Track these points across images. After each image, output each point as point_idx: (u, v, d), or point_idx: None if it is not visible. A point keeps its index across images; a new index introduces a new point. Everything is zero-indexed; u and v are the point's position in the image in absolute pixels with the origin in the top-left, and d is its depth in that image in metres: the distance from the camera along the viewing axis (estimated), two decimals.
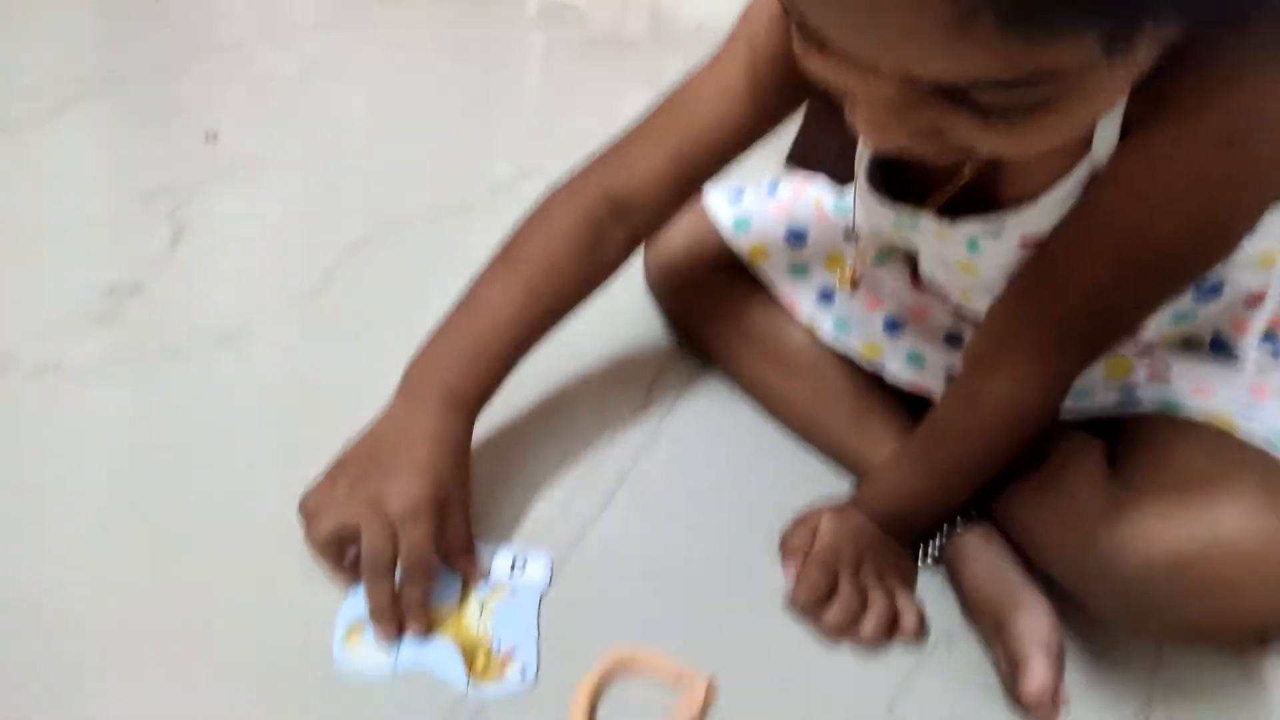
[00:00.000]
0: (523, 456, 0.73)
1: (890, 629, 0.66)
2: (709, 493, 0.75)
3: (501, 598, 0.62)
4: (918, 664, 0.67)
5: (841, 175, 0.77)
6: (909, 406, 0.77)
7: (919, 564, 0.72)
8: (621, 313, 0.86)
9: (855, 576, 0.66)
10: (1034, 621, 0.64)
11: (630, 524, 0.71)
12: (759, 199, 0.83)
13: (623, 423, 0.79)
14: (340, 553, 0.59)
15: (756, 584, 0.69)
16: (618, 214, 0.67)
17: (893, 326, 0.77)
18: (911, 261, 0.76)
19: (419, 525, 0.57)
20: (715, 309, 0.83)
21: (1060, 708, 0.65)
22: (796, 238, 0.81)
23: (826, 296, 0.81)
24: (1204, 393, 0.62)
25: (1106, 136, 0.52)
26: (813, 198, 0.83)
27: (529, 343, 0.67)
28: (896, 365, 0.76)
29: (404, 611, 0.58)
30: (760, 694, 0.62)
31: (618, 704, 0.60)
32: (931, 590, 0.71)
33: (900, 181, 0.64)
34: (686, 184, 0.67)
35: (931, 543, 0.71)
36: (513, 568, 0.63)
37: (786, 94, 0.63)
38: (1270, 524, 0.51)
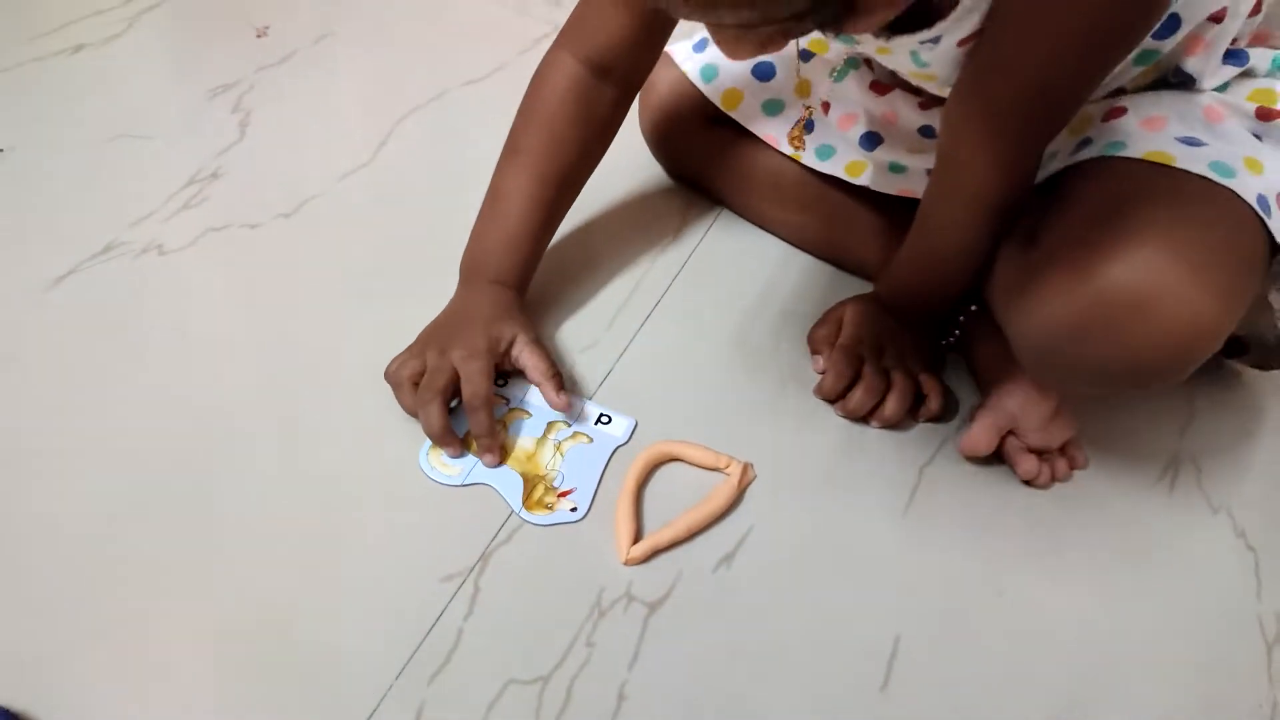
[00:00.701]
0: (563, 286, 0.80)
1: (914, 409, 0.71)
2: (740, 304, 0.80)
3: (579, 443, 0.69)
4: (946, 439, 0.72)
5: None
6: (906, 206, 0.78)
7: (943, 348, 0.75)
8: (646, 156, 0.90)
9: (878, 362, 0.71)
10: (1001, 396, 0.68)
11: (667, 337, 0.77)
12: None
13: (660, 251, 0.84)
14: None
15: (787, 378, 0.74)
16: (602, 75, 0.70)
17: (870, 140, 0.77)
18: (881, 70, 0.76)
19: (474, 362, 0.66)
20: (709, 156, 0.85)
21: (1066, 472, 0.69)
22: (764, 72, 0.81)
23: (804, 128, 0.81)
24: (1154, 124, 0.61)
25: None
26: None
27: (553, 221, 0.74)
28: (881, 178, 0.78)
29: (473, 440, 0.66)
30: (795, 475, 0.69)
31: (663, 490, 0.67)
32: (963, 371, 0.75)
33: None
34: (655, 26, 0.68)
35: (950, 328, 0.74)
36: (598, 421, 0.70)
37: None
38: (1163, 273, 0.52)
